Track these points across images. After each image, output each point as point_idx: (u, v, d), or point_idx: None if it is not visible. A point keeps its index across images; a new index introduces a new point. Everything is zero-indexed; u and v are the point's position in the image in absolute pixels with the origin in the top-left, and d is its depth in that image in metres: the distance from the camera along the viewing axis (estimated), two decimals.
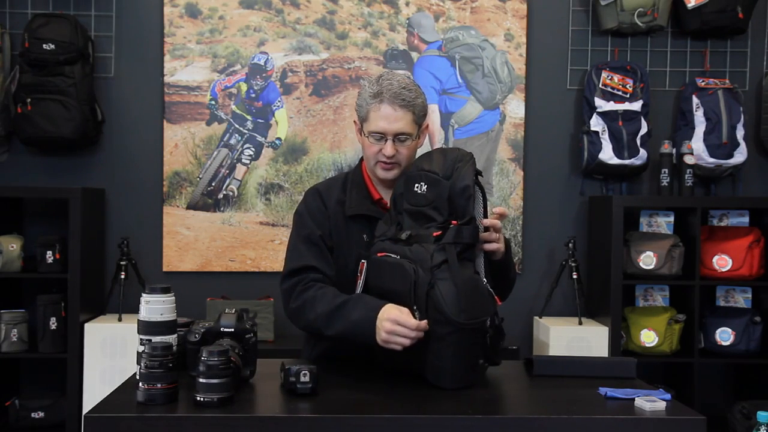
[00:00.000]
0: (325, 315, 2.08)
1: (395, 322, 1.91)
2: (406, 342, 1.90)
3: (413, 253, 1.93)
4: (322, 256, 2.21)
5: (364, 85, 2.23)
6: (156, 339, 1.79)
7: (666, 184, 3.91)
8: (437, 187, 1.99)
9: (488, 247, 1.99)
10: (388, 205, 2.22)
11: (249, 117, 4.00)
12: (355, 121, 2.30)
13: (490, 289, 1.94)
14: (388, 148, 2.19)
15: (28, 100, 3.69)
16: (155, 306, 1.82)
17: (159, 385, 1.70)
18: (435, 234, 1.93)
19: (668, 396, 1.79)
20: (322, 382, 1.83)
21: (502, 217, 2.05)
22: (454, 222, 1.94)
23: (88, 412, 1.66)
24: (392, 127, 2.18)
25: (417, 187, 2.02)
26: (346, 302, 2.06)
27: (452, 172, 2.00)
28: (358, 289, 2.08)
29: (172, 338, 1.82)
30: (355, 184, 2.29)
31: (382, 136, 2.19)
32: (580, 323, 3.81)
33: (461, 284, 1.86)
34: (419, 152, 2.30)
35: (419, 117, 2.24)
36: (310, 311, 2.12)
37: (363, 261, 2.10)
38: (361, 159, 2.35)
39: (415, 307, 1.91)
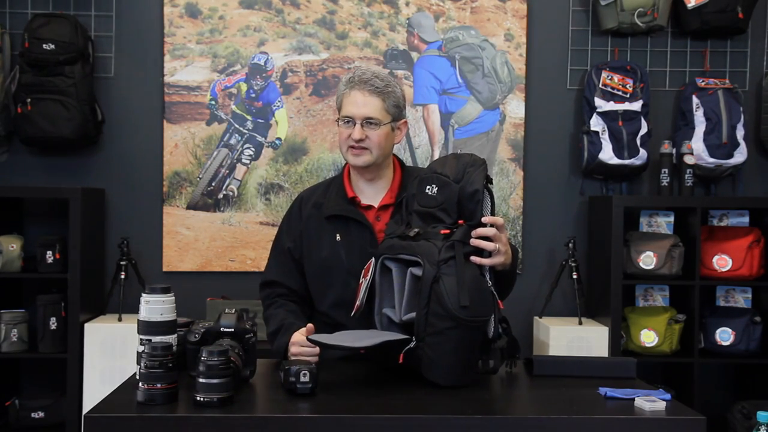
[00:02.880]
0: (270, 335, 2.31)
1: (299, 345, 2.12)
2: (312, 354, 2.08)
3: (420, 247, 1.95)
4: (289, 269, 2.38)
5: (342, 78, 2.34)
6: (156, 339, 1.79)
7: (666, 184, 3.91)
8: (447, 189, 2.02)
9: (479, 243, 1.97)
10: (363, 203, 2.31)
11: (249, 117, 4.00)
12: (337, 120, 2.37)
13: (494, 292, 1.95)
14: (356, 132, 2.25)
15: (28, 100, 3.69)
16: (155, 306, 1.83)
17: (159, 385, 1.70)
18: (443, 231, 1.95)
19: (668, 396, 1.80)
20: (322, 382, 1.83)
21: (496, 226, 2.02)
22: (461, 222, 1.98)
23: (88, 412, 1.66)
24: (360, 111, 2.26)
25: (428, 189, 2.05)
26: (278, 330, 2.27)
27: (463, 176, 2.04)
28: (363, 288, 2.10)
29: (172, 338, 1.82)
30: (336, 185, 2.38)
31: (350, 120, 2.27)
32: (580, 323, 3.81)
33: (466, 281, 1.87)
34: (424, 156, 2.30)
35: (391, 107, 2.29)
36: (268, 325, 2.36)
37: (371, 260, 2.12)
38: (347, 163, 2.41)
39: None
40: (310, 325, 2.14)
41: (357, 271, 2.20)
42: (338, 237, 2.29)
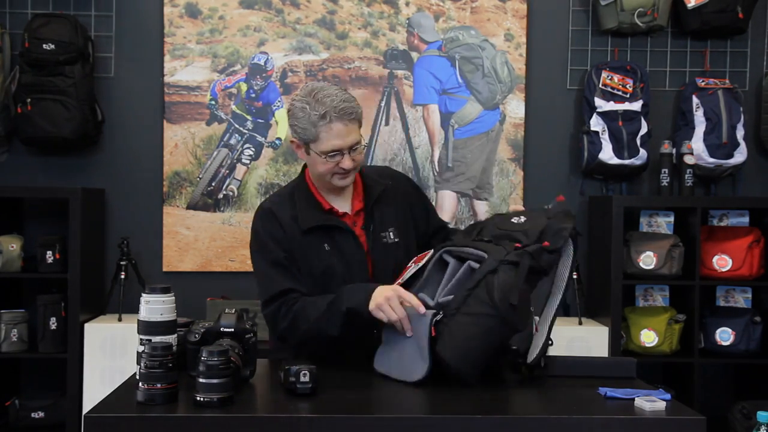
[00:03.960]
0: (323, 315, 2.14)
1: (397, 293, 2.01)
2: (400, 312, 1.98)
3: (488, 247, 1.98)
4: (294, 277, 2.26)
5: (300, 107, 2.21)
6: (156, 339, 1.79)
7: (666, 184, 3.90)
8: (537, 219, 2.02)
9: None
10: (340, 212, 2.30)
11: (249, 117, 4.00)
12: (292, 141, 2.29)
13: (534, 320, 1.99)
14: (347, 162, 2.22)
15: (28, 100, 3.68)
16: (155, 306, 1.83)
17: (159, 385, 1.70)
18: (516, 245, 1.96)
19: (668, 396, 1.80)
20: (322, 382, 1.83)
21: None
22: (545, 243, 1.98)
23: (88, 412, 1.67)
24: (347, 142, 2.21)
25: (515, 218, 2.05)
26: (337, 296, 2.14)
27: (554, 216, 2.03)
28: (409, 271, 2.12)
29: (172, 338, 1.82)
30: (302, 197, 2.32)
31: (337, 152, 2.21)
32: (580, 323, 3.81)
33: (520, 286, 1.89)
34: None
35: (361, 123, 2.26)
36: (304, 322, 2.17)
37: (428, 251, 2.13)
38: (303, 170, 2.38)
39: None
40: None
41: (351, 277, 2.23)
42: (327, 246, 2.26)
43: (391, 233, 2.32)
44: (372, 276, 2.28)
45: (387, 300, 2.01)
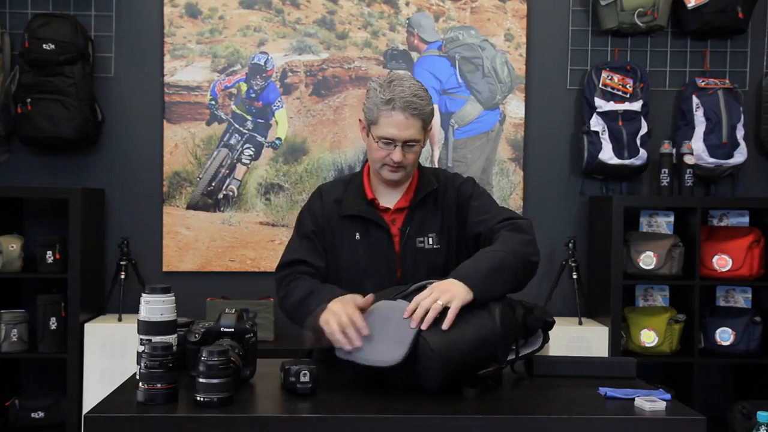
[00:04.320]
0: (297, 302, 2.17)
1: (347, 311, 1.93)
2: (343, 327, 1.91)
3: None
4: (315, 250, 2.28)
5: (374, 88, 2.22)
6: (156, 339, 1.79)
7: (666, 184, 3.90)
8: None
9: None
10: (381, 206, 2.28)
11: (249, 117, 4.00)
12: (360, 120, 2.31)
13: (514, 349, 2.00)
14: (397, 155, 2.21)
15: (28, 100, 3.68)
16: (155, 306, 1.83)
17: (159, 385, 1.70)
18: None
19: (668, 396, 1.80)
20: (322, 382, 1.83)
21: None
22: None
23: (88, 412, 1.67)
24: (402, 135, 2.19)
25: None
26: (314, 291, 2.14)
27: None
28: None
29: (172, 338, 1.82)
30: (354, 184, 2.34)
31: (391, 142, 2.20)
32: (580, 323, 3.81)
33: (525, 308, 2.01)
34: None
35: (427, 123, 2.25)
36: (288, 299, 2.22)
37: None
38: (365, 161, 2.39)
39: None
40: (370, 296, 1.97)
41: (373, 272, 2.22)
42: (357, 236, 2.27)
43: (431, 238, 2.27)
44: (400, 278, 2.25)
45: (334, 314, 1.95)
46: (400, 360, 1.82)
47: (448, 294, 1.91)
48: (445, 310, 1.88)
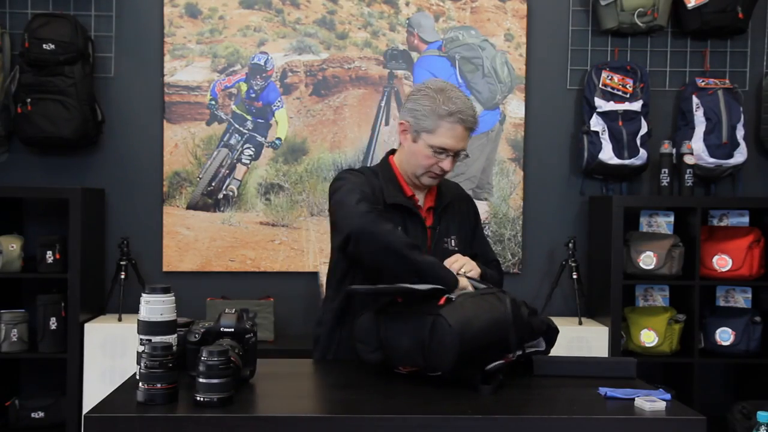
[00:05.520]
0: (408, 243, 2.11)
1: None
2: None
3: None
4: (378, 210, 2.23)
5: (429, 95, 2.27)
6: (156, 339, 1.79)
7: (666, 184, 3.90)
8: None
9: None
10: (419, 202, 2.36)
11: (249, 117, 4.00)
12: (403, 122, 2.32)
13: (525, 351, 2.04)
14: (448, 164, 2.29)
15: (28, 100, 3.69)
16: (155, 306, 1.83)
17: (159, 385, 1.70)
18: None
19: (668, 396, 1.79)
20: (322, 382, 1.82)
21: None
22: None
23: (88, 412, 1.66)
24: (459, 146, 2.29)
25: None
26: (423, 259, 2.13)
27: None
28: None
29: (171, 338, 1.82)
30: (387, 179, 2.36)
31: (444, 151, 2.27)
32: (580, 323, 3.81)
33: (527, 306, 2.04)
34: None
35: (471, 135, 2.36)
36: (389, 229, 2.13)
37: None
38: (387, 156, 2.42)
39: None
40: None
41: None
42: (400, 228, 2.27)
43: (453, 240, 2.38)
44: None
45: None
46: (419, 288, 1.93)
47: (471, 263, 2.20)
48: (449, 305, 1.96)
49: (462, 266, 2.17)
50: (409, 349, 1.92)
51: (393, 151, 2.44)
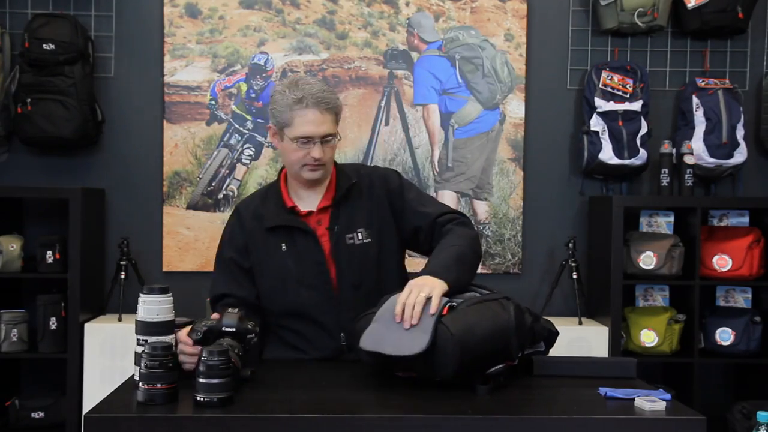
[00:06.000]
0: None
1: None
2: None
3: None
4: (235, 280, 2.31)
5: (280, 91, 2.24)
6: (152, 339, 1.79)
7: (666, 184, 3.90)
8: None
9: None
10: (303, 211, 2.28)
11: (249, 117, 4.00)
12: (270, 126, 2.30)
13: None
14: (317, 151, 2.22)
15: (28, 100, 3.68)
16: (151, 306, 1.83)
17: (159, 385, 1.70)
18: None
19: (668, 396, 1.79)
20: (322, 382, 1.82)
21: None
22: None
23: (88, 412, 1.66)
24: (319, 130, 2.21)
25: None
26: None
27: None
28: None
29: (169, 338, 1.82)
30: (272, 195, 2.34)
31: (309, 140, 2.21)
32: (580, 323, 3.81)
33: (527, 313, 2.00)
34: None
35: (338, 116, 2.28)
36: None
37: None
38: (282, 169, 2.38)
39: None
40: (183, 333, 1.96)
41: (306, 279, 2.24)
42: (284, 247, 2.27)
43: (360, 233, 2.29)
44: (335, 278, 2.27)
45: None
46: (426, 347, 1.82)
47: (427, 287, 1.94)
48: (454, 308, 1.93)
49: (417, 296, 1.92)
50: (409, 356, 1.90)
51: None
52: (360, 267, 2.27)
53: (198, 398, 1.69)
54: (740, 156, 3.91)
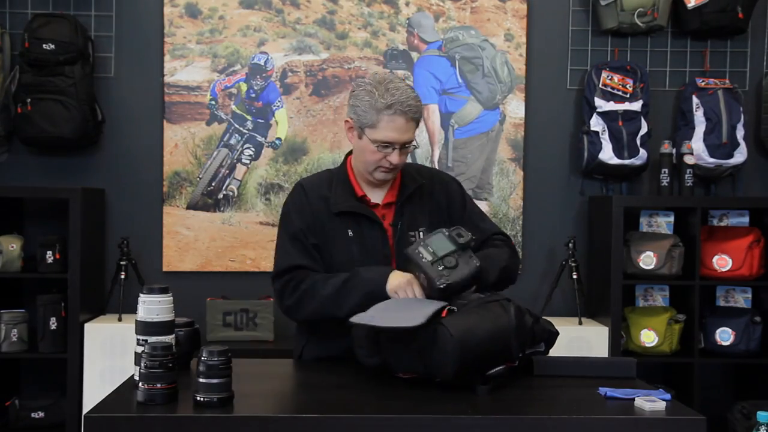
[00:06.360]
0: (332, 295, 2.16)
1: (412, 283, 2.07)
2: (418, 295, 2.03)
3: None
4: (308, 253, 2.28)
5: (368, 90, 2.23)
6: (152, 339, 1.79)
7: (666, 184, 3.90)
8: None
9: None
10: (371, 201, 2.32)
11: (249, 117, 4.00)
12: (348, 120, 2.31)
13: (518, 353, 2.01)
14: (395, 157, 2.25)
15: (28, 100, 3.68)
16: (151, 306, 1.83)
17: (159, 385, 1.70)
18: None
19: (668, 396, 1.80)
20: (322, 382, 1.83)
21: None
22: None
23: (88, 412, 1.67)
24: (402, 138, 2.24)
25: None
26: (351, 276, 2.16)
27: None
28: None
29: (169, 338, 1.82)
30: (340, 181, 2.35)
31: (389, 145, 2.23)
32: (580, 323, 3.81)
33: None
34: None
35: (419, 123, 2.30)
36: (311, 300, 2.20)
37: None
38: (346, 156, 2.41)
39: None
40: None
41: (367, 266, 2.23)
42: (350, 233, 2.28)
43: (421, 233, 2.31)
44: None
45: (407, 284, 2.06)
46: (418, 324, 1.84)
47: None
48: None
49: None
50: (409, 357, 1.91)
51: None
52: None
53: (198, 398, 1.69)
54: (740, 156, 3.91)
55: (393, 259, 2.28)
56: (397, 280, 2.10)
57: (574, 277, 3.84)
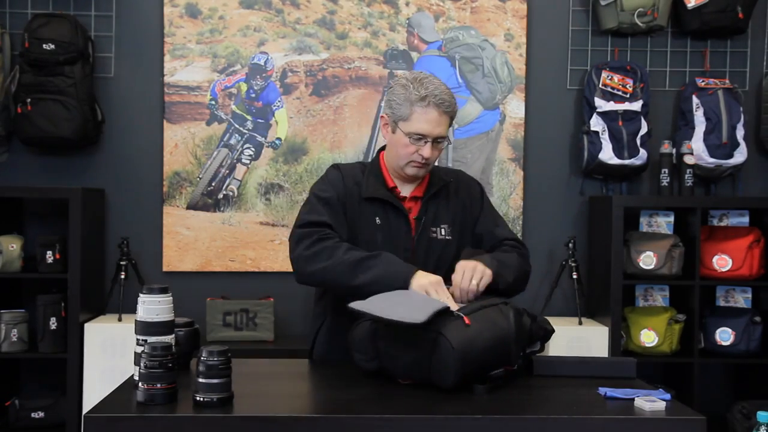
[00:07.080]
0: (351, 262, 2.14)
1: (439, 285, 2.07)
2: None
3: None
4: (338, 218, 2.29)
5: (403, 84, 2.28)
6: (152, 339, 1.79)
7: (666, 184, 3.90)
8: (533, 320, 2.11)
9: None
10: (401, 194, 2.35)
11: (249, 117, 4.00)
12: (384, 116, 2.34)
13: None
14: (428, 150, 2.27)
15: (28, 100, 3.68)
16: (151, 306, 1.83)
17: (159, 385, 1.70)
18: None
19: (668, 396, 1.80)
20: (322, 382, 1.83)
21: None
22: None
23: (88, 412, 1.67)
24: (435, 131, 2.26)
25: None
26: (375, 255, 2.15)
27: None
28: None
29: (169, 338, 1.82)
30: (372, 172, 2.39)
31: (422, 138, 2.26)
32: (580, 323, 3.81)
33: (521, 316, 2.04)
34: None
35: (452, 121, 2.34)
36: (328, 257, 2.17)
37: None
38: (379, 151, 2.44)
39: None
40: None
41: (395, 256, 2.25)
42: (378, 220, 2.31)
43: (443, 229, 2.36)
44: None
45: (433, 285, 2.06)
46: (420, 322, 1.84)
47: (479, 271, 2.12)
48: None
49: (471, 281, 2.11)
50: (409, 365, 1.92)
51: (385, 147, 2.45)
52: (437, 260, 2.33)
53: (198, 398, 1.69)
54: (740, 156, 3.91)
55: (413, 252, 2.31)
56: (426, 279, 2.09)
57: (574, 277, 3.84)
